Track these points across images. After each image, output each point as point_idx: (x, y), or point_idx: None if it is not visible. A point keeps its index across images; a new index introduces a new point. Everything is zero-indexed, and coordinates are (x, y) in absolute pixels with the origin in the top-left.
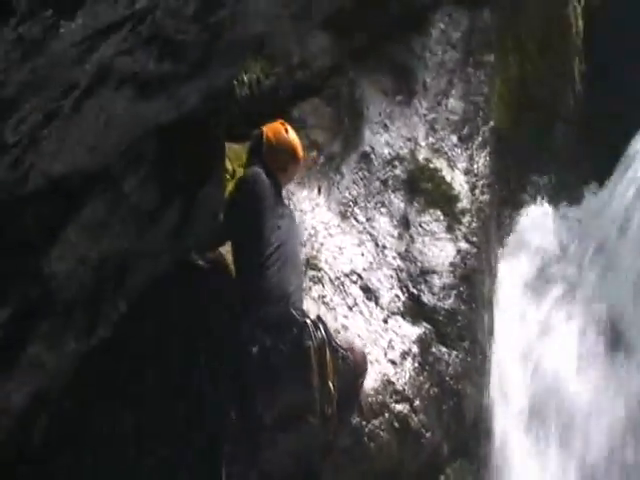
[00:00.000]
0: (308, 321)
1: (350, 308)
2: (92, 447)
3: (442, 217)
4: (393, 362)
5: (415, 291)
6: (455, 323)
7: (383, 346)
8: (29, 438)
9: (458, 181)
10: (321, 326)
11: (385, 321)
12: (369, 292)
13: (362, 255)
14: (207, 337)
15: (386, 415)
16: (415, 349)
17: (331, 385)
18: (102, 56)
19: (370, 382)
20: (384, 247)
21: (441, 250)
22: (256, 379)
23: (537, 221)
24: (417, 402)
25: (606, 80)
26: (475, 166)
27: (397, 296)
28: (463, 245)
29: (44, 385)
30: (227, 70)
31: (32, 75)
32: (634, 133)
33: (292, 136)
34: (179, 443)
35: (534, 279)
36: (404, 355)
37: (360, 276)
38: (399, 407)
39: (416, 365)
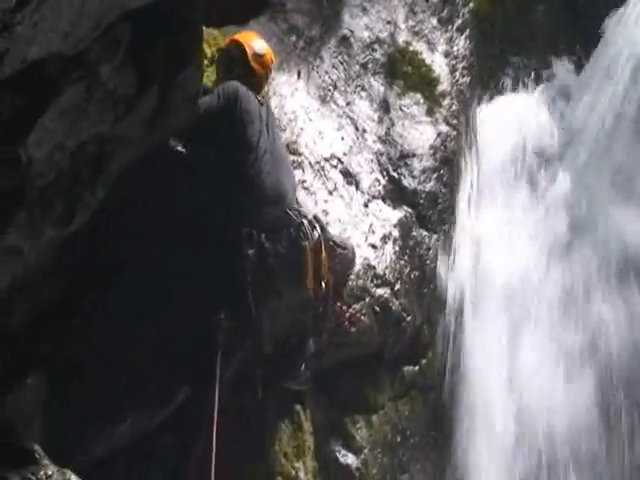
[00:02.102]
0: (305, 221)
1: (330, 192)
2: (73, 335)
3: (422, 100)
4: (374, 246)
5: (395, 175)
6: (436, 206)
7: (364, 230)
8: (9, 326)
9: (438, 64)
10: (318, 225)
11: (365, 205)
12: (349, 176)
13: (342, 139)
14: (190, 224)
15: (367, 299)
16: (396, 233)
17: (325, 284)
18: None
19: (353, 269)
20: (364, 131)
21: (421, 133)
22: (252, 280)
23: (517, 104)
24: (398, 286)
25: None
26: (455, 48)
27: (377, 180)
28: (443, 128)
29: (22, 273)
30: None
31: None
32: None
33: (267, 47)
34: (167, 326)
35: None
36: (385, 239)
37: (340, 160)
38: (380, 291)
39: (397, 249)
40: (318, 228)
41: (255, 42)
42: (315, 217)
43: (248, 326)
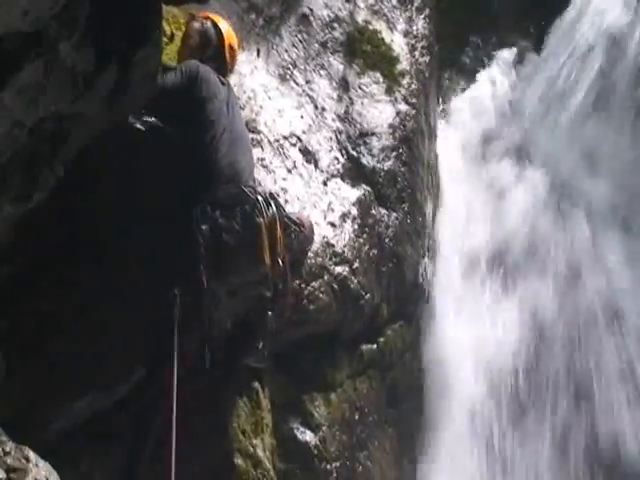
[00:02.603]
0: (259, 198)
1: (289, 171)
2: (31, 312)
3: (381, 79)
4: (332, 224)
5: (354, 153)
6: (395, 185)
7: (322, 208)
8: None
9: (397, 43)
10: (272, 202)
11: (324, 183)
12: (308, 154)
13: (301, 117)
14: (147, 201)
15: (325, 277)
16: (354, 211)
17: (281, 261)
18: None
19: (312, 246)
20: (323, 109)
21: (380, 112)
22: (207, 257)
23: (480, 86)
24: (356, 264)
25: None
26: (414, 28)
27: (336, 158)
28: (402, 107)
29: None
30: None
31: None
32: None
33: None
34: (125, 307)
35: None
36: (344, 217)
37: (299, 138)
38: (338, 269)
39: (355, 227)
40: (273, 205)
41: (230, 31)
42: (270, 194)
43: (202, 301)
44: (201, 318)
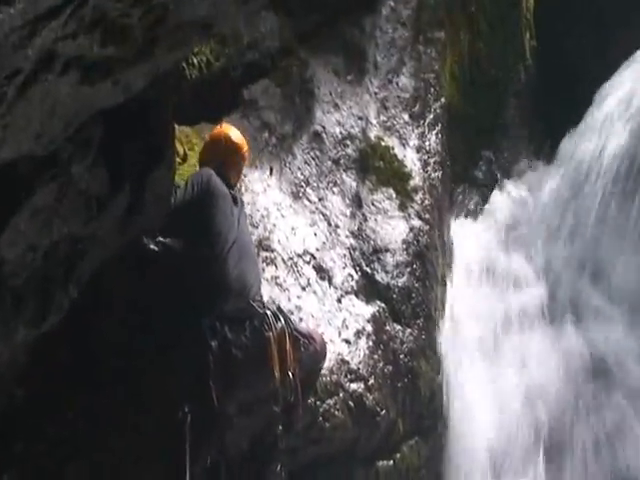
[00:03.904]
0: (268, 312)
1: (303, 288)
2: (44, 435)
3: (394, 195)
4: (347, 341)
5: (368, 270)
6: (409, 300)
7: (337, 325)
8: None
9: (410, 159)
10: (281, 316)
11: (339, 300)
12: (322, 272)
13: (315, 235)
14: (161, 324)
15: (341, 394)
16: (369, 328)
17: (292, 374)
18: (44, 41)
19: (324, 362)
20: (337, 226)
21: (394, 228)
22: (216, 373)
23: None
24: (372, 381)
25: (557, 55)
26: (427, 143)
27: (350, 275)
28: (416, 222)
29: None
30: (173, 54)
31: None
32: (585, 108)
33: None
34: (137, 431)
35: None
36: (358, 334)
37: (313, 256)
38: (354, 386)
39: (370, 344)
40: (282, 319)
41: (239, 138)
42: (279, 308)
43: (213, 419)
44: (212, 438)
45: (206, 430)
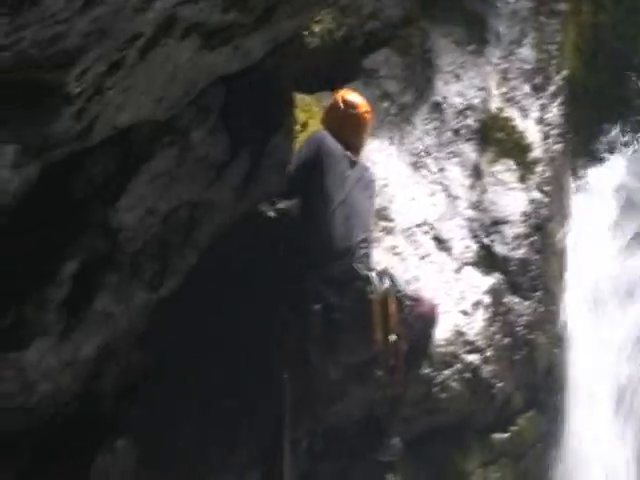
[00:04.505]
0: (372, 274)
1: (422, 258)
2: (160, 399)
3: (514, 167)
4: (465, 312)
5: (487, 241)
6: (527, 273)
7: (455, 297)
8: (100, 389)
9: (531, 130)
10: (387, 278)
11: (457, 271)
12: (441, 242)
13: (434, 205)
14: (274, 290)
15: (457, 366)
16: (487, 299)
17: (395, 337)
18: (165, 5)
19: (441, 333)
20: (456, 197)
21: (513, 200)
22: (320, 336)
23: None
24: (489, 353)
25: None
26: (548, 115)
27: (469, 246)
28: (536, 195)
29: (113, 337)
30: (293, 21)
31: (95, 25)
32: None
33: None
34: (243, 397)
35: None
36: (476, 305)
37: (432, 226)
38: (470, 358)
39: (488, 315)
40: (387, 280)
41: (361, 102)
42: (385, 270)
43: (312, 386)
44: (313, 403)
45: (307, 397)
